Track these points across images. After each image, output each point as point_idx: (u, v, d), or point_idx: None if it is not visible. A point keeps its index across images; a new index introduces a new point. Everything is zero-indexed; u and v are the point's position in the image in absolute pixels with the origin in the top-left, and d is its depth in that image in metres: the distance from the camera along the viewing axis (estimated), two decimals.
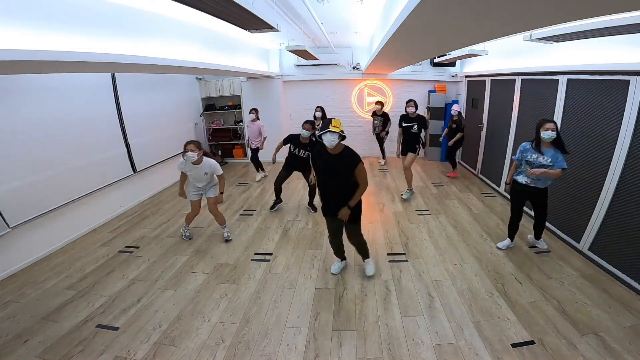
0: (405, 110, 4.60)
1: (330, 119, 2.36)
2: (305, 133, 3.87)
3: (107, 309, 2.58)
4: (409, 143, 4.63)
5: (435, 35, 2.47)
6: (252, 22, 2.29)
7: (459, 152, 6.19)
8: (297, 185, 5.50)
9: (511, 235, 3.26)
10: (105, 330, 2.34)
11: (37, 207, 3.29)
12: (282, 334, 2.28)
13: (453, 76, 6.80)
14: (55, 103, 3.47)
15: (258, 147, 5.69)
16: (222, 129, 7.29)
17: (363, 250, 2.89)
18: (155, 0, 2.82)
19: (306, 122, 3.90)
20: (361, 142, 7.24)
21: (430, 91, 6.98)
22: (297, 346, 2.17)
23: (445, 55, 5.03)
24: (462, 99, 6.55)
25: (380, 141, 6.74)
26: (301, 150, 4.05)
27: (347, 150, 2.46)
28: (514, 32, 2.40)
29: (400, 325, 2.33)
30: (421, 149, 4.76)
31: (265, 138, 5.66)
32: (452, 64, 6.54)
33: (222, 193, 3.48)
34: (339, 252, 2.96)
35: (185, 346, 2.19)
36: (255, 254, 3.36)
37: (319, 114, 5.43)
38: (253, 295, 2.70)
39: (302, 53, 4.40)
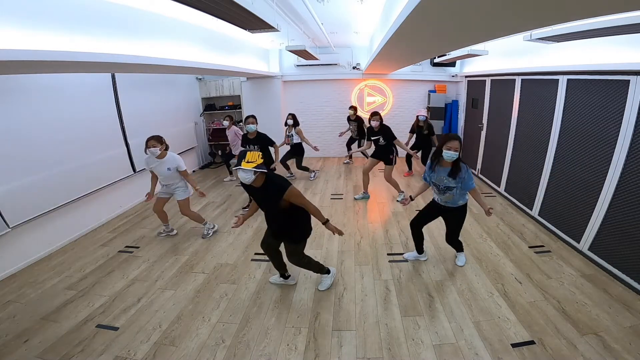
0: (369, 124, 4.37)
1: (245, 152, 2.11)
2: (251, 128, 4.16)
3: (107, 309, 2.58)
4: (380, 154, 4.50)
5: (435, 35, 2.47)
6: (252, 22, 2.29)
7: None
8: (297, 186, 5.50)
9: (419, 247, 3.06)
10: (105, 330, 2.34)
11: (37, 207, 3.29)
12: (282, 334, 2.28)
13: (453, 76, 6.80)
14: (55, 103, 3.47)
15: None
16: (222, 129, 7.24)
17: (312, 268, 2.67)
18: (155, 1, 2.82)
19: (249, 116, 4.23)
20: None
21: (430, 91, 6.98)
22: (297, 346, 2.17)
23: (445, 55, 5.03)
24: (462, 99, 6.55)
25: (350, 146, 6.61)
26: (251, 146, 4.22)
27: (271, 180, 2.22)
28: (514, 32, 2.40)
29: (400, 325, 2.33)
30: (396, 157, 4.53)
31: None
32: (452, 64, 6.54)
33: (197, 188, 3.45)
34: (280, 268, 2.76)
35: (185, 346, 2.19)
36: (255, 254, 3.36)
37: (290, 122, 5.41)
38: (253, 295, 2.70)
39: (302, 53, 4.40)
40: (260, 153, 2.21)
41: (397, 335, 2.24)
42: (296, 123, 5.44)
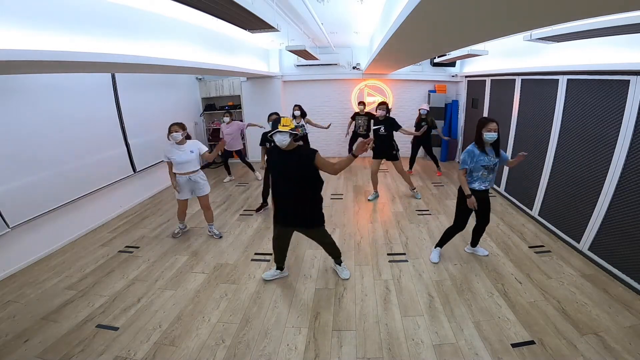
0: (376, 112, 4.50)
1: (279, 118, 2.32)
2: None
3: (107, 309, 2.58)
4: (382, 151, 4.49)
5: (435, 35, 2.47)
6: (252, 22, 2.29)
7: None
8: None
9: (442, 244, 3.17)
10: (105, 330, 2.34)
11: (37, 207, 3.28)
12: (282, 334, 2.28)
13: (453, 76, 6.80)
14: (55, 103, 3.47)
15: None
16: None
17: (335, 250, 2.84)
18: (155, 0, 2.82)
19: (272, 113, 4.18)
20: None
21: (430, 91, 6.98)
22: (297, 346, 2.17)
23: (445, 55, 5.03)
24: (462, 99, 6.55)
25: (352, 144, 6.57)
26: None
27: (300, 147, 2.46)
28: (514, 32, 2.40)
29: (400, 325, 2.33)
30: (398, 152, 4.57)
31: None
32: (452, 64, 6.54)
33: (221, 142, 3.58)
34: (282, 261, 2.88)
35: (185, 346, 2.19)
36: (255, 254, 3.36)
37: (297, 113, 5.44)
38: (253, 295, 2.70)
39: (302, 53, 4.40)
40: (291, 120, 2.43)
41: (397, 335, 2.24)
42: (304, 113, 5.45)
